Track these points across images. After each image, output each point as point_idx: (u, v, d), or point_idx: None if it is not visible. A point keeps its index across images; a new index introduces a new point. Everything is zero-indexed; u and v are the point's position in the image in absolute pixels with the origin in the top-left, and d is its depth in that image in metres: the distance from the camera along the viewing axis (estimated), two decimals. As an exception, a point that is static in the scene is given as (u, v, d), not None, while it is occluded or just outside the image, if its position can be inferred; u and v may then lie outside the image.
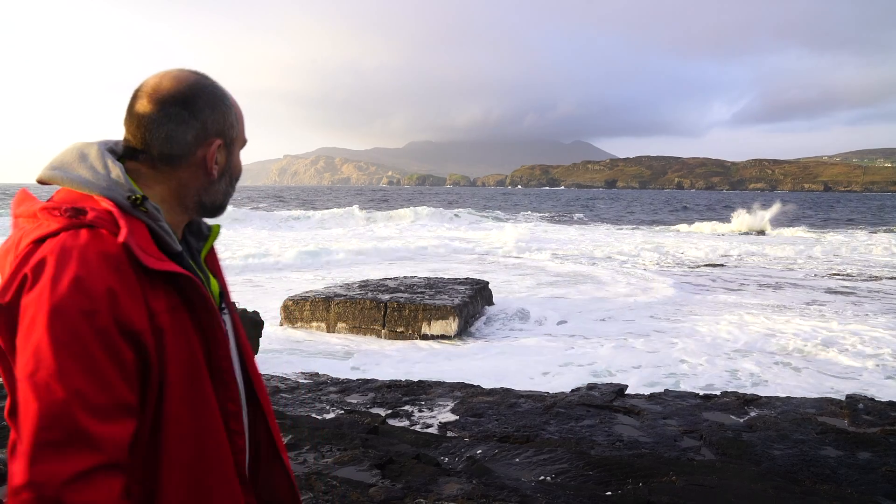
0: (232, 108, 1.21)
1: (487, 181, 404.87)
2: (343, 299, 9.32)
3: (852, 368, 7.69)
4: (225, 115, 1.19)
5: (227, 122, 1.19)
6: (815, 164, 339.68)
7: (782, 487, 3.59)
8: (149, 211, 1.08)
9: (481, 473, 3.70)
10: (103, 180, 1.08)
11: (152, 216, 1.09)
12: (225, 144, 1.20)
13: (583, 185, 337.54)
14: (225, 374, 1.15)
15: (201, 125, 1.16)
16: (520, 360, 7.89)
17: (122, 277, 0.99)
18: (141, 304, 1.01)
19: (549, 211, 58.47)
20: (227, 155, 1.21)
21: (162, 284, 1.05)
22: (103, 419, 0.95)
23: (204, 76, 1.19)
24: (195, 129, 1.15)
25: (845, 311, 11.22)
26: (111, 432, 0.96)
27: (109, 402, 0.96)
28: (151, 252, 1.05)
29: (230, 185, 1.24)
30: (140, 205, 1.07)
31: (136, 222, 1.06)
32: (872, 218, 51.32)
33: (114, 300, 0.97)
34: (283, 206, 56.89)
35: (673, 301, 12.16)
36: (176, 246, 1.12)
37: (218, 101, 1.19)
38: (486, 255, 20.18)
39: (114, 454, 0.96)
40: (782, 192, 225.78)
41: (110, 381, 0.96)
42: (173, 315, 1.06)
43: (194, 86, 1.16)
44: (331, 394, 5.62)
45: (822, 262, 19.10)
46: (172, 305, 1.06)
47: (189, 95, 1.15)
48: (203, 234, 1.31)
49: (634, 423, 4.86)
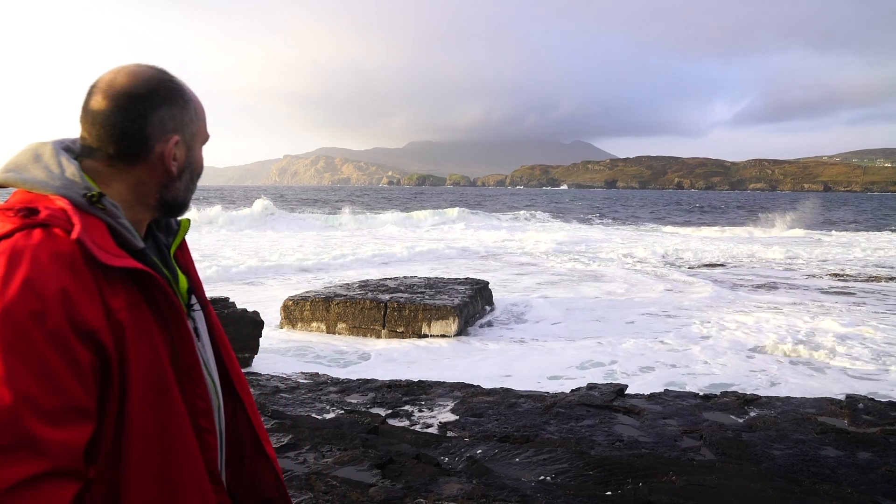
0: (190, 103, 1.18)
1: (487, 181, 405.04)
2: (343, 299, 9.32)
3: (853, 368, 7.69)
4: (183, 110, 1.16)
5: (186, 117, 1.17)
6: (815, 164, 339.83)
7: (782, 487, 3.60)
8: (106, 208, 1.06)
9: (481, 473, 3.70)
10: (58, 179, 1.06)
11: (110, 213, 1.06)
12: (183, 140, 1.17)
13: (583, 185, 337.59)
14: (192, 371, 1.12)
15: (158, 121, 1.13)
16: (520, 360, 7.89)
17: (76, 276, 0.97)
18: (97, 302, 0.99)
19: (574, 212, 55.21)
20: (187, 151, 1.18)
21: (121, 282, 1.03)
22: (54, 424, 0.92)
23: (161, 70, 1.16)
24: (152, 125, 1.12)
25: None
26: (62, 437, 0.93)
27: (61, 406, 0.93)
28: (109, 249, 1.02)
29: (192, 182, 1.22)
30: (97, 202, 1.05)
31: (92, 220, 1.04)
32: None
33: (67, 300, 0.95)
34: (327, 207, 55.60)
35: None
36: (137, 243, 1.09)
37: (175, 97, 1.15)
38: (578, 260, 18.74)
39: (63, 460, 0.93)
40: (782, 193, 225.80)
41: (62, 383, 0.93)
42: (133, 312, 1.03)
43: (150, 81, 1.13)
44: (331, 394, 5.62)
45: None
46: (133, 302, 1.04)
47: (145, 91, 1.12)
48: (172, 230, 1.29)
49: (634, 423, 4.86)
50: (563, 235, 28.77)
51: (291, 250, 20.00)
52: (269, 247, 21.12)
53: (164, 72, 1.17)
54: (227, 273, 14.58)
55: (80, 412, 0.96)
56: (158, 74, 1.15)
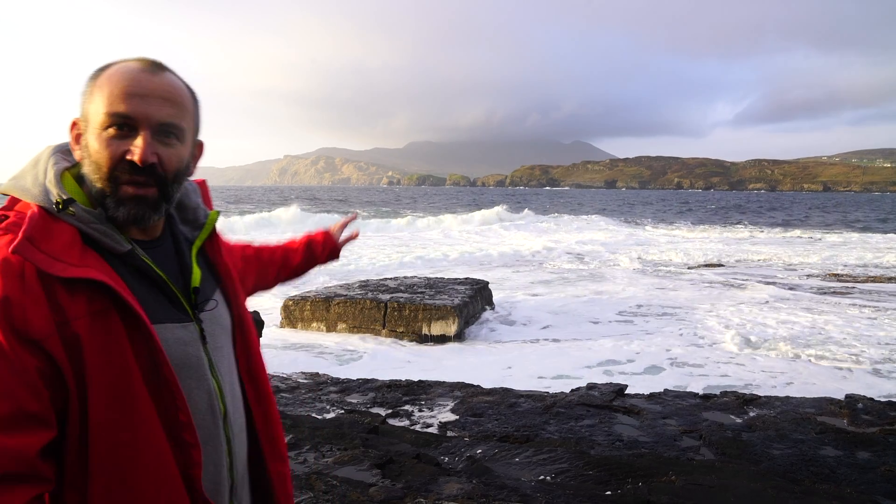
0: (92, 81, 1.09)
1: (487, 181, 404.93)
2: (343, 299, 9.32)
3: (851, 368, 7.70)
4: (86, 93, 1.09)
5: (87, 100, 1.09)
6: (815, 164, 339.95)
7: (782, 487, 3.60)
8: (76, 214, 1.04)
9: (481, 473, 3.71)
10: (37, 186, 1.06)
11: (81, 219, 1.04)
12: (82, 123, 1.10)
13: (582, 185, 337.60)
14: (168, 385, 1.05)
15: (79, 110, 1.11)
16: (520, 360, 7.90)
17: (23, 285, 0.96)
18: (44, 310, 0.96)
19: (606, 214, 52.40)
20: (86, 134, 1.09)
21: (84, 289, 0.99)
22: (2, 430, 0.92)
23: (113, 61, 1.12)
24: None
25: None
26: (10, 443, 0.92)
27: (8, 412, 0.92)
28: (66, 257, 1.00)
29: (95, 172, 1.08)
30: (63, 209, 1.03)
31: (61, 226, 1.03)
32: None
33: (9, 308, 0.94)
34: (367, 208, 55.09)
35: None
36: (118, 247, 1.07)
37: (88, 81, 1.10)
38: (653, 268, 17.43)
39: (12, 465, 0.92)
40: (782, 193, 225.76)
41: (8, 390, 0.93)
42: (96, 320, 1.00)
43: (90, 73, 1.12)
44: (331, 393, 5.63)
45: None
46: (97, 310, 1.00)
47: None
48: (199, 223, 1.25)
49: (634, 423, 4.86)
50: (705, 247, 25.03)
51: (375, 253, 19.55)
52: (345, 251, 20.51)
53: (114, 60, 1.12)
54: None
55: (29, 418, 0.95)
56: (105, 63, 1.12)
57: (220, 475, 1.15)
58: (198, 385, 1.12)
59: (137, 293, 1.06)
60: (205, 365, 1.14)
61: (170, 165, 1.10)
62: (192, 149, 1.18)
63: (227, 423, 1.17)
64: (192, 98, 1.16)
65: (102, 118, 1.06)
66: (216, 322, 1.20)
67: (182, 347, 1.10)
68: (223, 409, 1.16)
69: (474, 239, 26.90)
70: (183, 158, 1.14)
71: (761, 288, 13.92)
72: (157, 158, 1.08)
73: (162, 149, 1.09)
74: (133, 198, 1.07)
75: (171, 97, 1.10)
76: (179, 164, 1.13)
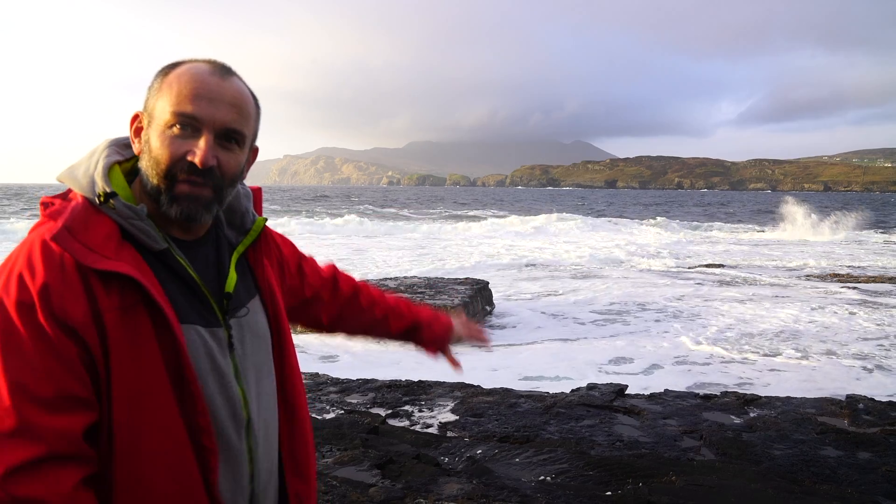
0: (161, 78, 1.11)
1: (487, 181, 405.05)
2: (343, 299, 9.32)
3: (852, 368, 7.69)
4: (154, 89, 1.11)
5: (153, 96, 1.11)
6: (816, 164, 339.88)
7: (782, 487, 3.59)
8: (117, 209, 1.05)
9: (481, 473, 3.70)
10: (86, 178, 1.08)
11: (122, 214, 1.05)
12: (145, 116, 1.12)
13: (583, 185, 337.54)
14: (189, 386, 1.05)
15: (143, 104, 1.13)
16: (520, 360, 7.89)
17: (63, 273, 0.98)
18: (82, 299, 0.98)
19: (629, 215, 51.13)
20: (147, 128, 1.11)
21: (116, 282, 1.01)
22: (49, 410, 0.94)
23: (181, 59, 1.14)
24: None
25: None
26: (57, 424, 0.95)
27: (53, 394, 0.95)
28: (103, 250, 1.01)
29: (153, 167, 1.09)
30: (104, 202, 1.05)
31: (101, 219, 1.04)
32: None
33: (48, 295, 0.97)
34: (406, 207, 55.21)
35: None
36: (154, 244, 1.07)
37: (157, 77, 1.12)
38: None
39: (60, 445, 0.94)
40: (782, 193, 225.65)
41: (52, 372, 0.96)
42: (125, 315, 1.01)
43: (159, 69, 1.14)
44: (331, 394, 5.62)
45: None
46: (128, 305, 1.01)
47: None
48: (245, 229, 1.24)
49: (634, 423, 4.86)
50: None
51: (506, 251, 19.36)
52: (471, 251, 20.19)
53: (183, 59, 1.15)
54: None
55: (73, 400, 0.97)
56: (174, 61, 1.15)
57: (240, 484, 1.14)
58: (220, 391, 1.11)
59: (169, 292, 1.07)
60: (230, 371, 1.13)
61: (228, 170, 1.12)
62: (248, 154, 1.19)
63: (250, 432, 1.15)
64: (255, 105, 1.17)
65: (168, 116, 1.07)
66: (249, 329, 1.18)
67: (206, 351, 1.10)
68: (247, 417, 1.15)
69: (590, 240, 25.90)
70: (240, 163, 1.15)
71: (761, 288, 13.91)
72: (217, 162, 1.09)
73: (222, 153, 1.10)
74: (188, 196, 1.08)
75: (237, 103, 1.11)
76: (237, 168, 1.14)
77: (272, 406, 1.22)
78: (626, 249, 22.20)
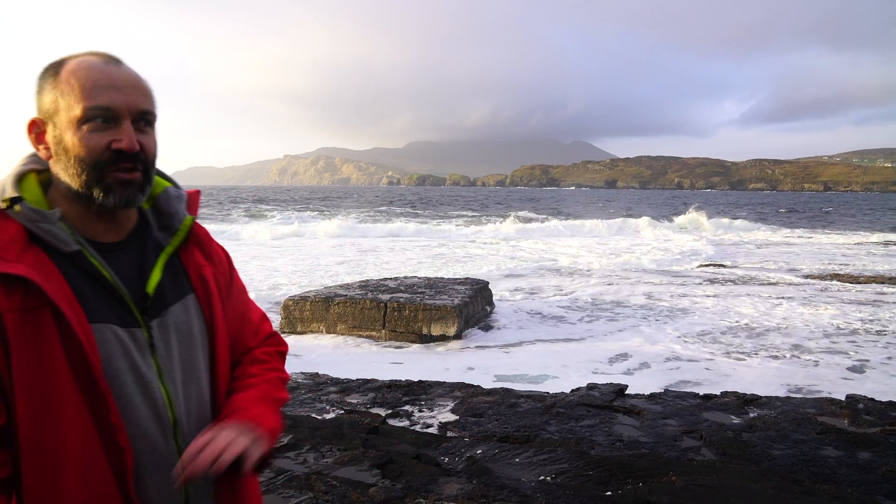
0: (52, 79, 1.10)
1: (487, 181, 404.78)
2: (343, 299, 9.32)
3: (851, 368, 7.69)
4: (47, 91, 1.11)
5: (49, 98, 1.10)
6: (816, 164, 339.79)
7: (782, 487, 3.59)
8: (23, 212, 1.07)
9: (481, 473, 3.70)
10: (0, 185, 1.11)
11: (28, 217, 1.07)
12: (45, 122, 1.12)
13: (583, 185, 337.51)
14: (96, 386, 1.04)
15: (37, 108, 1.13)
16: (520, 360, 7.89)
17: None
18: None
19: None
20: (56, 132, 1.10)
21: (20, 285, 1.02)
22: None
23: (61, 57, 1.13)
24: (37, 113, 1.13)
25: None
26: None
27: None
28: (2, 253, 1.03)
29: (74, 166, 1.09)
30: (8, 207, 1.08)
31: (7, 223, 1.06)
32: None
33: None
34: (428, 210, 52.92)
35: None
36: (64, 246, 1.08)
37: (44, 79, 1.11)
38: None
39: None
40: (783, 193, 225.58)
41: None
42: (26, 316, 1.01)
43: (43, 69, 1.13)
44: (331, 394, 5.62)
45: None
46: (29, 307, 1.02)
47: (37, 82, 1.13)
48: (174, 229, 1.24)
49: (634, 423, 4.86)
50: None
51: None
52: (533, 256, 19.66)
53: (61, 57, 1.14)
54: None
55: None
56: (51, 61, 1.13)
57: (171, 485, 1.12)
58: (141, 391, 1.11)
59: (82, 294, 1.07)
60: (151, 371, 1.13)
61: (150, 150, 1.15)
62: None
63: (177, 432, 1.15)
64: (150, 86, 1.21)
65: (79, 112, 1.08)
66: (175, 329, 1.18)
67: (124, 350, 1.10)
68: (172, 418, 1.14)
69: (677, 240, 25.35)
70: (157, 143, 1.18)
71: (761, 288, 13.91)
72: (139, 145, 1.12)
73: (141, 136, 1.13)
74: (122, 182, 1.10)
75: (140, 86, 1.14)
76: (156, 147, 1.17)
77: (206, 407, 1.21)
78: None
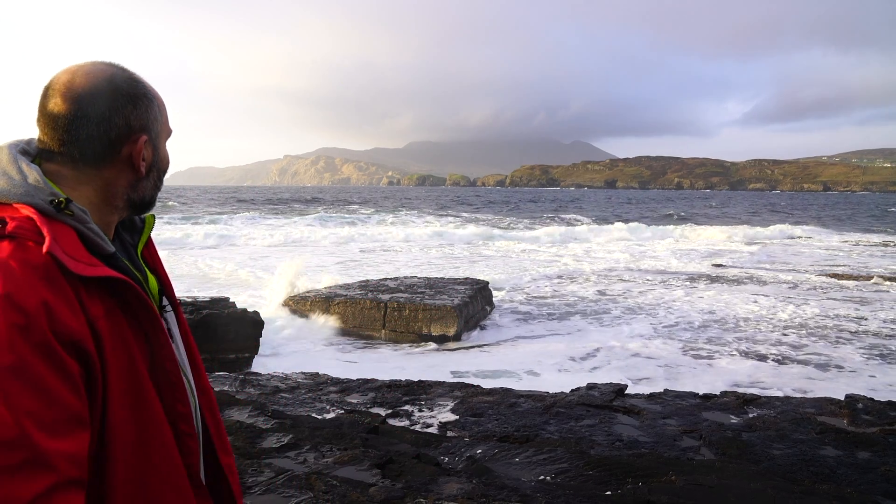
0: (154, 101, 1.15)
1: (487, 181, 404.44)
2: (343, 299, 9.32)
3: (852, 367, 7.70)
4: (147, 108, 1.13)
5: (151, 115, 1.14)
6: (815, 164, 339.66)
7: (782, 487, 3.60)
8: (75, 214, 1.02)
9: (481, 473, 3.70)
10: (20, 186, 1.02)
11: (79, 219, 1.03)
12: (151, 139, 1.15)
13: (583, 186, 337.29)
14: (170, 376, 1.09)
15: (124, 122, 1.09)
16: (519, 360, 7.90)
17: (55, 287, 0.94)
18: (78, 311, 0.96)
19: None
20: (154, 149, 1.16)
21: (97, 289, 1.00)
22: (57, 435, 0.90)
23: (121, 69, 1.12)
24: (118, 126, 1.09)
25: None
26: (66, 448, 0.91)
27: (61, 417, 0.91)
28: (81, 258, 0.99)
29: (159, 180, 1.20)
30: (65, 208, 1.01)
31: (61, 227, 1.01)
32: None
33: (49, 312, 0.92)
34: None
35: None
36: (108, 248, 1.06)
37: (139, 95, 1.12)
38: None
39: (70, 471, 0.91)
40: (782, 193, 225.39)
41: (58, 394, 0.91)
42: (110, 320, 1.01)
43: (112, 80, 1.09)
44: (331, 394, 5.62)
45: None
46: (108, 309, 1.01)
47: (107, 91, 1.08)
48: (137, 228, 1.25)
49: (634, 423, 4.86)
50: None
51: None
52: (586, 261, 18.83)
53: (123, 69, 1.13)
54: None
55: (78, 421, 0.94)
56: (119, 73, 1.11)
57: (202, 466, 1.19)
58: (185, 381, 1.17)
59: None
60: (185, 362, 1.21)
61: None
62: None
63: (197, 416, 1.21)
64: None
65: (170, 128, 1.21)
66: (172, 323, 1.23)
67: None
68: (195, 402, 1.20)
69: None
70: None
71: (762, 287, 13.92)
72: None
73: None
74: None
75: None
76: None
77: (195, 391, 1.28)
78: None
